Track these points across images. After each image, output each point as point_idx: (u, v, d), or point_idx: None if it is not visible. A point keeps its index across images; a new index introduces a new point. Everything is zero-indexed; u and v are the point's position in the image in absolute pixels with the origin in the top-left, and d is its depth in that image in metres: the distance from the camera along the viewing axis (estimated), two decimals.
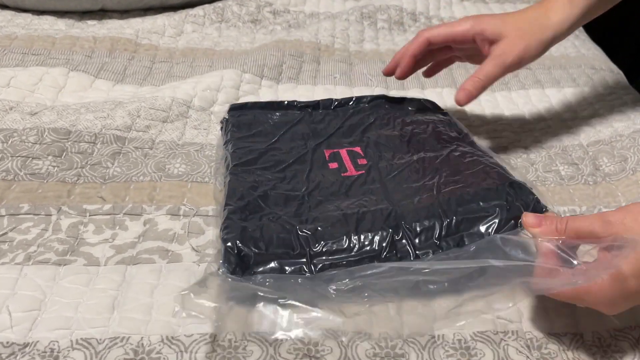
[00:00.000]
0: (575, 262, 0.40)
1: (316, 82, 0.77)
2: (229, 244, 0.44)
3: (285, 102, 0.64)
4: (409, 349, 0.42)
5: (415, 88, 0.77)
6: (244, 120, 0.60)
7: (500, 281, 0.41)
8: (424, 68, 0.66)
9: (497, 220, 0.46)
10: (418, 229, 0.46)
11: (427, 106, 0.65)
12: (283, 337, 0.41)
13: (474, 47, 0.60)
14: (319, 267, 0.44)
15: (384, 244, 0.45)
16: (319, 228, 0.46)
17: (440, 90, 0.77)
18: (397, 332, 0.43)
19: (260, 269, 0.44)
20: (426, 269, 0.41)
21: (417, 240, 0.46)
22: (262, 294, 0.41)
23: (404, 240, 0.45)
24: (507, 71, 0.58)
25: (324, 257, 0.44)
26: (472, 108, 0.73)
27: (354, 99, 0.65)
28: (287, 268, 0.44)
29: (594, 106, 0.75)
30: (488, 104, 0.75)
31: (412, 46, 0.61)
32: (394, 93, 0.76)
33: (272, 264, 0.44)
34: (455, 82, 0.79)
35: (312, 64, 0.80)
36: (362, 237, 0.45)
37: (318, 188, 0.51)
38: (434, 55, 0.64)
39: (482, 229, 0.46)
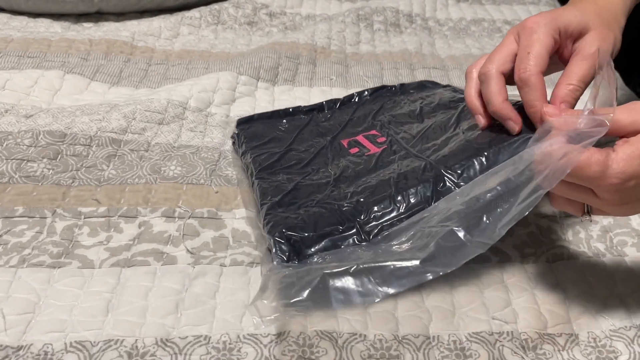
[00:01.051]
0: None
1: (312, 84, 0.77)
2: (277, 234, 0.44)
3: (291, 109, 0.64)
4: (404, 350, 0.42)
5: None
6: (254, 131, 0.61)
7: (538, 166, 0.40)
8: None
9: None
10: (459, 170, 0.45)
11: (427, 85, 0.66)
12: (370, 303, 0.39)
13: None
14: (373, 233, 0.44)
15: (428, 194, 0.45)
16: (361, 199, 0.46)
17: None
18: (393, 333, 0.43)
19: (314, 249, 0.43)
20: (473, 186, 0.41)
21: (460, 181, 0.45)
22: (328, 272, 0.39)
23: (448, 184, 0.45)
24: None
25: (374, 223, 0.44)
26: None
27: (355, 94, 0.66)
28: (339, 243, 0.44)
29: None
30: None
31: (498, 90, 0.46)
32: None
33: (325, 242, 0.44)
34: (452, 84, 0.79)
35: (308, 65, 0.80)
36: (405, 194, 0.45)
37: (346, 170, 0.51)
38: None
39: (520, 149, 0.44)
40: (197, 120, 0.65)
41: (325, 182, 0.50)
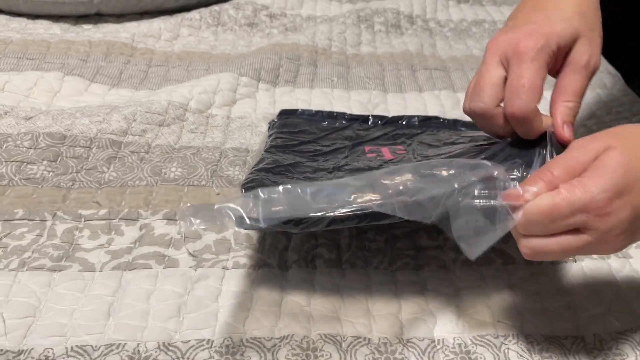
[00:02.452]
0: None
1: (313, 85, 0.76)
2: (247, 190, 0.43)
3: (335, 113, 0.63)
4: (409, 353, 0.42)
5: (413, 91, 0.77)
6: (291, 122, 0.61)
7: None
8: None
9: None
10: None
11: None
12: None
13: None
14: None
15: None
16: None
17: (438, 93, 0.77)
18: (397, 336, 0.43)
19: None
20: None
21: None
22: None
23: None
24: (592, 78, 0.45)
25: None
26: None
27: (405, 117, 0.63)
28: None
29: (591, 108, 0.74)
30: None
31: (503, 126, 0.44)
32: (391, 96, 0.75)
33: None
34: (453, 85, 0.79)
35: (309, 67, 0.79)
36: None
37: (350, 164, 0.50)
38: None
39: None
40: (198, 121, 0.65)
41: (324, 167, 0.49)
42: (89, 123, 0.61)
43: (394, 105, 0.73)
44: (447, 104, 0.74)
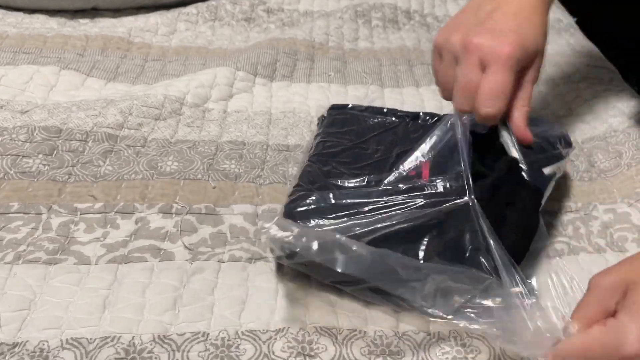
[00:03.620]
0: None
1: (310, 80, 0.76)
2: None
3: (385, 110, 0.62)
4: (405, 346, 0.42)
5: (410, 86, 0.77)
6: (340, 118, 0.60)
7: None
8: None
9: None
10: None
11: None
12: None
13: None
14: None
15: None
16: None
17: (435, 88, 0.76)
18: (393, 329, 0.43)
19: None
20: None
21: None
22: (339, 236, 0.40)
23: None
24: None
25: None
26: None
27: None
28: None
29: (588, 103, 0.74)
30: None
31: None
32: (389, 91, 0.75)
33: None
34: None
35: (306, 62, 0.79)
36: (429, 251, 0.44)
37: (390, 202, 0.48)
38: None
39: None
40: (195, 115, 0.65)
41: (364, 192, 0.48)
42: (85, 117, 0.61)
43: (390, 100, 0.73)
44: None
